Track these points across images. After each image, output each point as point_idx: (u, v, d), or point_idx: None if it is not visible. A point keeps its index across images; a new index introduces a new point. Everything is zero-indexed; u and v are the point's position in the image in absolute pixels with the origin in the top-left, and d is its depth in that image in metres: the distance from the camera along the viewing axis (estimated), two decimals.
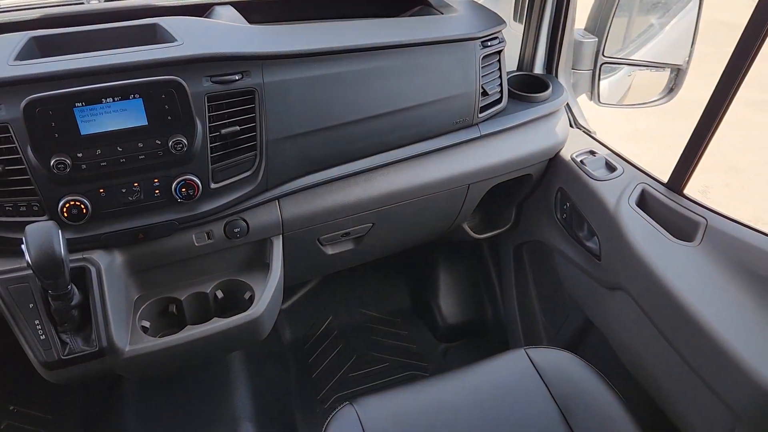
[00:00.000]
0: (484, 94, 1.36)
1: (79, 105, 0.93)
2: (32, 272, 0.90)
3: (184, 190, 1.06)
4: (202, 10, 1.29)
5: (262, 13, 1.38)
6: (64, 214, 0.99)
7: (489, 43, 1.34)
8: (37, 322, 1.00)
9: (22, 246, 0.88)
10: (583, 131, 1.60)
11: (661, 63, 1.58)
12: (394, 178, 1.33)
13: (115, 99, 0.94)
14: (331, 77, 1.15)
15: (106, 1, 1.30)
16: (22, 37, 1.04)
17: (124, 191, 1.03)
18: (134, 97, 0.96)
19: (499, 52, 1.39)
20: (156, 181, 1.05)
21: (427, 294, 2.09)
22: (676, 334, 1.14)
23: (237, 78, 1.05)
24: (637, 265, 1.22)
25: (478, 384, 1.20)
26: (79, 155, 0.96)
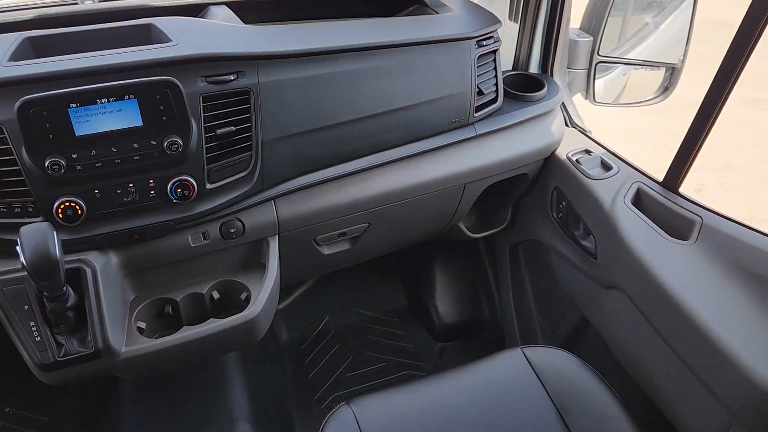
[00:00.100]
0: (480, 93, 1.36)
1: (74, 106, 0.92)
2: (27, 274, 0.90)
3: (179, 190, 1.06)
4: (197, 10, 1.29)
5: (257, 13, 1.37)
6: (59, 215, 0.99)
7: (484, 43, 1.34)
8: (32, 323, 0.99)
9: (17, 247, 0.88)
10: (579, 130, 1.60)
11: (656, 62, 1.58)
12: (390, 178, 1.33)
13: (110, 99, 0.94)
14: (327, 77, 1.15)
15: (100, 2, 1.29)
16: (16, 38, 1.04)
17: (119, 192, 1.03)
18: (129, 98, 0.95)
19: (494, 52, 1.39)
20: (151, 181, 1.04)
21: (424, 293, 2.09)
22: (672, 333, 1.14)
23: (232, 78, 1.05)
24: (633, 264, 1.22)
25: (475, 383, 1.20)
26: (74, 156, 0.96)
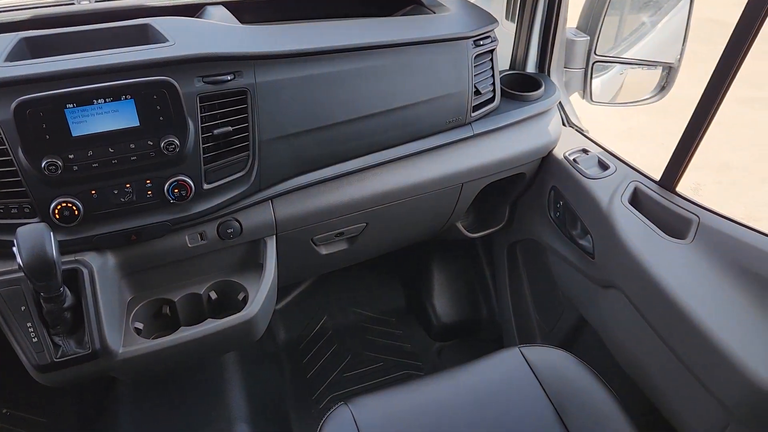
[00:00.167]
0: (477, 93, 1.36)
1: (71, 106, 0.92)
2: (24, 275, 0.90)
3: (176, 190, 1.05)
4: (194, 10, 1.28)
5: (254, 13, 1.37)
6: (56, 216, 0.98)
7: (481, 42, 1.34)
8: (29, 324, 0.99)
9: (14, 248, 0.87)
10: (576, 130, 1.60)
11: (652, 61, 1.58)
12: (388, 178, 1.33)
13: (107, 100, 0.94)
14: (324, 77, 1.15)
15: (97, 2, 1.29)
16: (12, 38, 1.03)
17: (116, 192, 1.02)
18: (126, 98, 0.95)
19: (491, 51, 1.39)
20: (148, 182, 1.04)
21: (422, 293, 2.09)
22: (669, 332, 1.14)
23: (229, 78, 1.04)
24: (630, 263, 1.22)
25: (473, 383, 1.21)
26: (71, 157, 0.95)
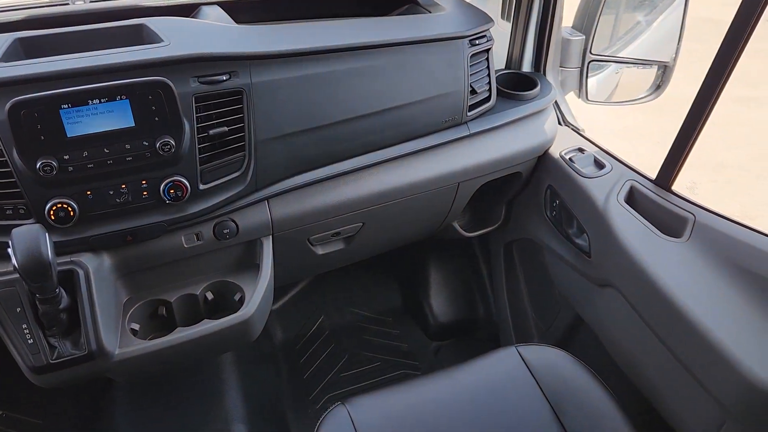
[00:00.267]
0: (473, 92, 1.36)
1: (66, 107, 0.92)
2: (19, 276, 0.89)
3: (172, 191, 1.05)
4: (189, 11, 1.28)
5: (250, 13, 1.37)
6: (51, 217, 0.98)
7: (477, 42, 1.34)
8: (24, 326, 0.99)
9: (9, 249, 0.87)
10: (572, 129, 1.61)
11: (648, 60, 1.59)
12: (384, 178, 1.32)
13: (102, 100, 0.94)
14: (320, 77, 1.15)
15: (91, 2, 1.29)
16: (6, 39, 1.03)
17: (111, 193, 1.02)
18: (121, 99, 0.95)
19: (487, 51, 1.39)
20: (144, 182, 1.04)
21: (418, 293, 2.09)
22: (665, 330, 1.14)
23: (224, 78, 1.04)
24: (627, 262, 1.22)
25: (470, 382, 1.21)
26: (66, 157, 0.95)
